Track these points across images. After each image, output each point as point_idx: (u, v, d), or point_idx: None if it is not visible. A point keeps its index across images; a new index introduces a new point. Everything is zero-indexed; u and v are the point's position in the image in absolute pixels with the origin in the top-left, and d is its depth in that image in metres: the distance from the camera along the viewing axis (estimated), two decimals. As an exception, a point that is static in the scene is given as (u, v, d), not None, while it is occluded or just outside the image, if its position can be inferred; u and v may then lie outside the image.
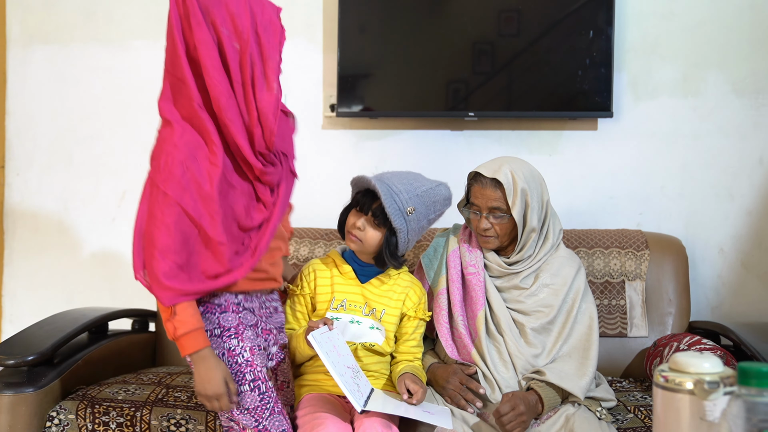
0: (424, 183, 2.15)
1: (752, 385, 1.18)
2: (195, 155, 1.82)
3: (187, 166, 1.80)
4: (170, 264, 1.78)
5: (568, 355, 2.18)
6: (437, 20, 3.01)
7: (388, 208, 2.05)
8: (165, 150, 1.84)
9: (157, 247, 1.78)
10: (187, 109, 1.85)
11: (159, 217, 1.80)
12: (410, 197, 2.09)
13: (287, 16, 3.15)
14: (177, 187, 1.80)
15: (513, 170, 2.17)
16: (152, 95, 3.25)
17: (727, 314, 2.96)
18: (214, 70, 1.79)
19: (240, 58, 1.81)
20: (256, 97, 1.84)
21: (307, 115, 3.20)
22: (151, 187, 1.85)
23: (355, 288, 2.21)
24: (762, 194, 2.93)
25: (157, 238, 1.78)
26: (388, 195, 2.07)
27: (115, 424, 2.27)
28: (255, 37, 1.82)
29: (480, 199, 2.20)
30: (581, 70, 2.93)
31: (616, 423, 2.18)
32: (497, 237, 2.21)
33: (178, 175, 1.80)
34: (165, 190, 1.80)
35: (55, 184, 3.36)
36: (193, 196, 1.81)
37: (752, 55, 2.94)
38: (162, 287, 1.78)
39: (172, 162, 1.81)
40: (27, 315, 3.37)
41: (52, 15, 3.36)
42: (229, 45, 1.80)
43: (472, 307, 2.24)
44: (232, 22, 1.79)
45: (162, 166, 1.83)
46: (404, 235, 2.10)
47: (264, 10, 1.83)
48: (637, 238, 2.77)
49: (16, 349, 2.37)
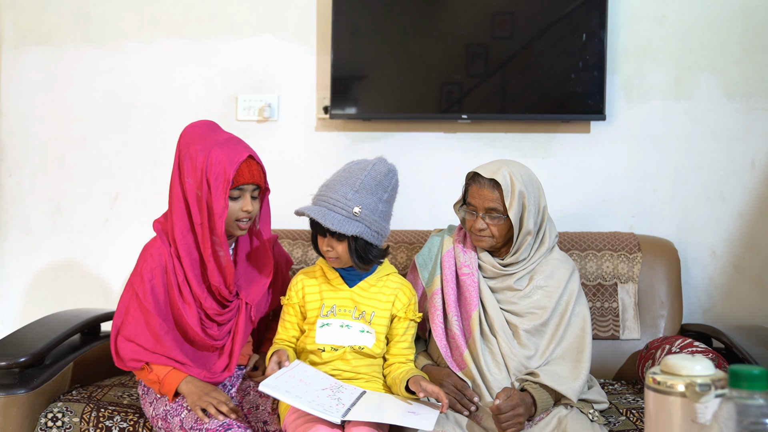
0: (359, 174, 2.13)
1: (743, 387, 1.18)
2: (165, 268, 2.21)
3: (154, 274, 2.19)
4: (130, 345, 2.17)
5: (562, 357, 2.19)
6: (431, 23, 3.01)
7: (333, 227, 2.06)
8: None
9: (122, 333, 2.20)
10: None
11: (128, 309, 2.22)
12: (350, 198, 2.08)
13: (280, 19, 3.18)
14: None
15: (512, 172, 2.18)
16: (144, 96, 3.27)
17: (719, 317, 2.97)
18: (176, 216, 2.18)
19: (199, 204, 2.15)
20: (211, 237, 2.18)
21: (300, 117, 3.20)
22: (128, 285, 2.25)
23: (344, 293, 2.22)
24: (754, 197, 2.94)
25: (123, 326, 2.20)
26: (325, 214, 2.07)
27: (118, 429, 2.26)
28: (207, 185, 2.12)
29: (477, 200, 2.20)
30: (574, 73, 2.94)
31: (609, 425, 2.18)
32: (492, 237, 2.21)
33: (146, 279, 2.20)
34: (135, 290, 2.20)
35: (48, 185, 3.35)
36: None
37: (744, 58, 2.95)
38: (121, 359, 2.19)
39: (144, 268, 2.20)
40: (19, 316, 3.37)
41: (45, 16, 3.35)
42: (192, 193, 2.15)
43: (466, 307, 2.24)
44: (193, 173, 2.14)
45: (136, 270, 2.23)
46: (367, 233, 2.09)
47: (220, 160, 2.12)
48: (630, 240, 2.78)
49: (8, 351, 2.36)
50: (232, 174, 2.11)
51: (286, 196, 3.04)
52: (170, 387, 2.14)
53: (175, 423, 2.12)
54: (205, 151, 2.13)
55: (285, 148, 3.20)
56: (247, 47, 3.23)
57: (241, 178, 2.14)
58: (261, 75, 3.22)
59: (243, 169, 2.14)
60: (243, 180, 2.15)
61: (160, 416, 2.17)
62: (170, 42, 3.27)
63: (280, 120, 3.21)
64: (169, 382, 2.14)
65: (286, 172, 3.14)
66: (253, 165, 2.18)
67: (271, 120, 3.21)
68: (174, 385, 2.13)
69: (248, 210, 2.18)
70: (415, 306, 2.24)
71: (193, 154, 2.14)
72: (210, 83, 3.25)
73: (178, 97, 3.26)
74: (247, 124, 3.22)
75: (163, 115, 3.27)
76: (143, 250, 2.25)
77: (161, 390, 2.15)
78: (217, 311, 2.23)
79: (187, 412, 2.11)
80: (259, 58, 3.22)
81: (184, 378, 2.15)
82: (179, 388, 2.13)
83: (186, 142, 2.19)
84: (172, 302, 2.20)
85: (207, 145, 2.14)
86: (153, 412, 2.20)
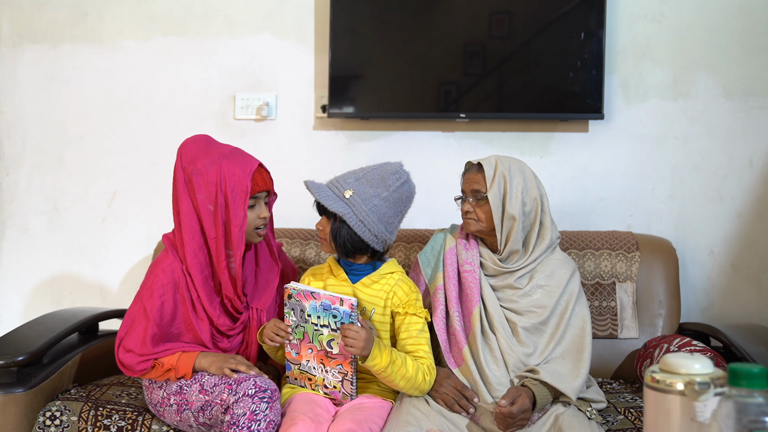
0: (369, 167, 2.22)
1: (742, 385, 1.18)
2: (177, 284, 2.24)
3: (166, 290, 2.22)
4: (131, 355, 2.20)
5: (562, 356, 2.20)
6: (428, 22, 3.01)
7: (320, 198, 2.14)
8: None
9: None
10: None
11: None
12: (348, 183, 2.17)
13: (278, 18, 3.18)
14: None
15: (499, 159, 2.27)
16: (142, 95, 3.27)
17: (717, 316, 2.97)
18: (187, 235, 2.20)
19: (213, 218, 2.17)
20: (226, 250, 2.21)
21: (298, 115, 3.20)
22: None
23: (347, 289, 2.23)
24: (752, 196, 2.95)
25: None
26: (319, 188, 2.17)
27: (116, 427, 2.26)
28: (224, 199, 2.16)
29: (465, 184, 2.30)
30: (572, 72, 2.94)
31: (607, 425, 2.18)
32: (477, 221, 2.26)
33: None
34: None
35: (45, 184, 3.35)
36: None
37: (742, 57, 2.95)
38: (128, 368, 2.21)
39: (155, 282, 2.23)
40: (17, 315, 3.36)
41: (42, 14, 3.34)
42: (204, 208, 2.17)
43: (467, 303, 2.26)
44: (206, 188, 2.17)
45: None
46: (351, 218, 2.12)
47: (233, 172, 2.16)
48: (628, 239, 2.78)
49: (6, 350, 2.36)
50: (249, 184, 2.17)
51: (284, 195, 3.04)
52: (187, 367, 2.17)
53: (193, 390, 2.15)
54: (216, 165, 2.17)
55: (283, 147, 3.19)
56: (245, 46, 3.22)
57: (256, 187, 2.21)
58: (259, 74, 3.22)
59: (257, 178, 2.21)
60: (258, 188, 2.21)
61: (173, 393, 2.18)
62: (168, 41, 3.26)
63: (278, 119, 3.21)
64: (184, 364, 2.18)
65: (284, 171, 3.13)
66: (264, 172, 2.26)
67: (269, 119, 3.20)
68: (190, 364, 2.17)
69: (265, 216, 2.25)
70: (417, 302, 2.23)
71: (202, 169, 2.17)
72: (208, 82, 3.24)
73: (175, 96, 3.26)
74: (245, 122, 3.21)
75: (161, 114, 3.26)
76: (153, 264, 2.27)
77: (177, 374, 2.17)
78: (230, 326, 2.28)
79: (209, 376, 2.16)
80: (256, 57, 3.22)
81: (197, 355, 2.20)
82: (196, 364, 2.18)
83: (189, 158, 2.21)
84: (185, 317, 2.23)
85: (215, 159, 2.18)
86: (164, 393, 2.20)
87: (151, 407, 2.27)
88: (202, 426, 2.16)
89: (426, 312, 2.23)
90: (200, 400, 2.13)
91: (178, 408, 2.17)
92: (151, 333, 2.18)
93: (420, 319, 2.21)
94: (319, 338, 2.11)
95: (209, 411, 2.11)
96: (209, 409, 2.11)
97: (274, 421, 2.05)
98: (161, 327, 2.20)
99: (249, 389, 2.05)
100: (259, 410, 2.02)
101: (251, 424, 2.01)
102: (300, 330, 2.14)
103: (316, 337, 2.11)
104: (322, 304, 2.07)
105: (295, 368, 2.20)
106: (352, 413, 2.08)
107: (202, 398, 2.12)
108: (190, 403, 2.15)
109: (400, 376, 2.09)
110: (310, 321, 2.11)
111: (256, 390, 2.05)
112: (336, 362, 2.13)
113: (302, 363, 2.17)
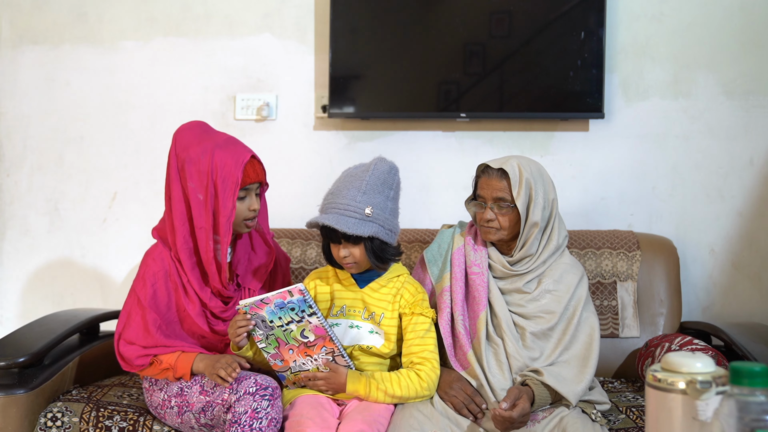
0: (362, 175, 2.14)
1: (744, 384, 1.18)
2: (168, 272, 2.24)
3: (157, 278, 2.23)
4: (133, 346, 2.20)
5: (567, 362, 2.17)
6: (429, 21, 3.01)
7: (349, 230, 2.06)
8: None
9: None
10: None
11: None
12: (360, 201, 2.10)
13: (278, 18, 3.18)
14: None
15: (520, 163, 2.20)
16: (142, 96, 3.26)
17: (718, 315, 2.97)
18: (178, 221, 2.19)
19: (203, 208, 2.16)
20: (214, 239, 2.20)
21: (298, 116, 3.19)
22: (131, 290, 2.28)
23: (355, 294, 2.23)
24: (752, 195, 2.94)
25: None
26: (339, 220, 2.08)
27: (118, 428, 2.26)
28: (214, 189, 2.15)
29: (486, 190, 2.22)
30: (572, 71, 2.94)
31: (609, 424, 2.18)
32: (500, 229, 2.21)
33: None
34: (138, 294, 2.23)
35: (46, 185, 3.35)
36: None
37: (743, 56, 2.95)
38: (127, 362, 2.22)
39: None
40: (17, 317, 3.36)
41: (42, 15, 3.34)
42: (194, 197, 2.16)
43: (474, 307, 2.24)
44: (198, 177, 2.15)
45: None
46: (381, 232, 2.11)
47: (226, 163, 2.15)
48: (629, 238, 2.78)
49: (7, 351, 2.36)
50: (240, 176, 2.15)
51: (284, 195, 3.04)
52: (185, 368, 2.17)
53: (193, 392, 2.15)
54: (208, 154, 2.15)
55: (283, 147, 3.19)
56: (245, 46, 3.22)
57: (247, 179, 2.18)
58: (259, 74, 3.22)
59: (248, 170, 2.19)
60: (249, 180, 2.19)
61: (173, 395, 2.18)
62: (168, 41, 3.26)
63: (279, 119, 3.21)
64: (182, 365, 2.17)
65: (285, 171, 3.14)
66: (256, 164, 2.23)
67: (270, 119, 3.20)
68: (188, 366, 2.17)
69: (255, 209, 2.23)
70: (423, 302, 2.23)
71: (194, 157, 2.16)
72: (208, 82, 3.24)
73: (175, 97, 3.26)
74: (246, 123, 3.21)
75: (161, 114, 3.26)
76: (145, 255, 2.27)
77: (176, 374, 2.17)
78: (222, 308, 2.26)
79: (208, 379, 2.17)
80: (257, 57, 3.22)
81: (195, 356, 2.19)
82: (194, 367, 2.18)
83: (183, 145, 2.20)
84: (178, 304, 2.23)
85: (208, 148, 2.16)
86: (165, 395, 2.20)
87: (151, 409, 2.27)
88: (204, 427, 2.16)
89: (432, 312, 2.23)
90: (201, 402, 2.13)
91: (179, 410, 2.17)
92: (151, 319, 2.18)
93: (427, 319, 2.21)
94: (292, 335, 2.09)
95: (210, 412, 2.11)
96: (210, 409, 2.11)
97: (276, 418, 2.05)
98: (159, 313, 2.20)
99: (250, 387, 2.05)
100: (260, 408, 2.03)
101: (253, 422, 2.01)
102: (272, 338, 2.10)
103: (288, 336, 2.09)
104: (276, 305, 2.04)
105: (289, 374, 2.19)
106: (361, 413, 2.07)
107: (203, 399, 2.12)
108: (191, 404, 2.15)
109: (389, 396, 2.12)
110: (275, 326, 2.08)
111: (257, 388, 2.05)
112: (318, 346, 2.11)
113: (291, 366, 2.15)
